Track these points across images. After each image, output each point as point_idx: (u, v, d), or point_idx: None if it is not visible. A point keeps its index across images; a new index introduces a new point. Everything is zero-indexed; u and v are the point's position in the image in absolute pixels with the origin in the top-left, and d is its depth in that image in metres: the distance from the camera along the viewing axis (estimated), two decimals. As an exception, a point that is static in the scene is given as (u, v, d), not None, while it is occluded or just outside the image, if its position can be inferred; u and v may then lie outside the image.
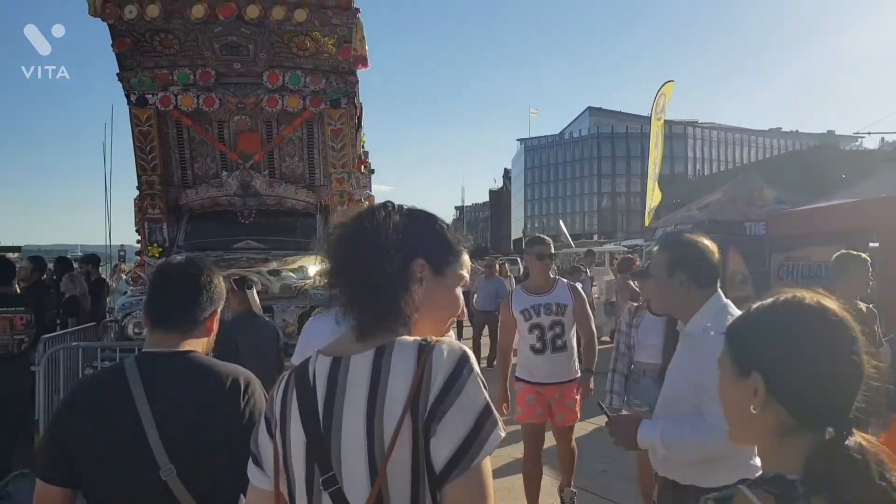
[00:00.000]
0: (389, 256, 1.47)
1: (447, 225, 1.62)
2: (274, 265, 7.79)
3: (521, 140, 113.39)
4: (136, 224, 8.76)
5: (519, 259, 38.18)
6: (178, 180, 8.66)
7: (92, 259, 10.59)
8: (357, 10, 7.80)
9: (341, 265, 1.51)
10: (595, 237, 59.46)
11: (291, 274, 7.70)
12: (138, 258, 9.54)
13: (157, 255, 8.37)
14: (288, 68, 8.19)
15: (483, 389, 1.39)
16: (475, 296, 13.38)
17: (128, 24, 7.53)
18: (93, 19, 7.36)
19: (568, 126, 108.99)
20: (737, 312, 2.58)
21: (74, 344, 7.11)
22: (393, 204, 1.58)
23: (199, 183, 8.65)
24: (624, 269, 11.45)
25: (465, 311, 15.16)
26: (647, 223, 18.67)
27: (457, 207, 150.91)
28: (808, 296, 1.37)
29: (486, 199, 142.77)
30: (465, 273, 1.61)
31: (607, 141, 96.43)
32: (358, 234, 1.50)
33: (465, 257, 1.61)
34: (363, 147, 9.50)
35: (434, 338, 1.44)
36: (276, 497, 1.51)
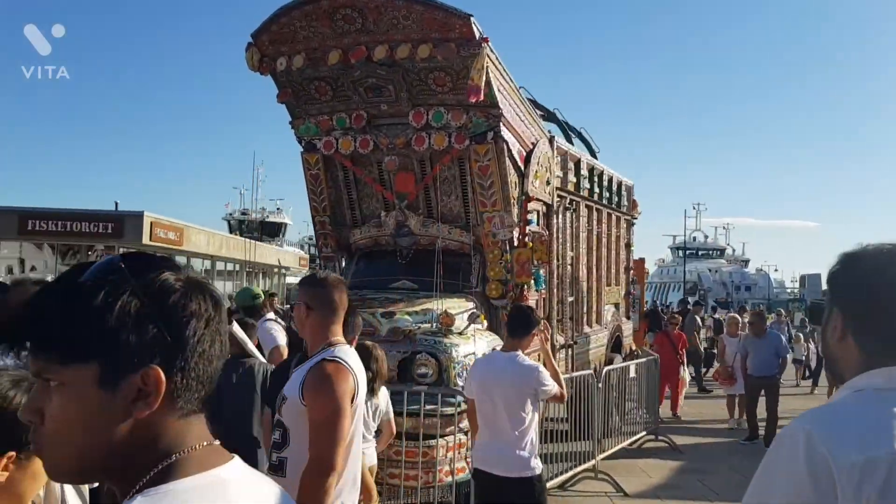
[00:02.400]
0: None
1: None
2: (401, 306, 7.61)
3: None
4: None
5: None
6: (349, 220, 8.99)
7: None
8: (485, 40, 7.30)
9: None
10: None
11: (407, 317, 7.42)
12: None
13: (327, 292, 8.74)
14: (432, 105, 7.98)
15: None
16: (747, 359, 11.29)
17: (285, 75, 8.11)
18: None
19: None
20: None
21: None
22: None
23: (365, 223, 8.88)
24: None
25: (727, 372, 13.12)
26: None
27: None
28: None
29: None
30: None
31: None
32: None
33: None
34: (533, 185, 8.68)
35: None
36: None
